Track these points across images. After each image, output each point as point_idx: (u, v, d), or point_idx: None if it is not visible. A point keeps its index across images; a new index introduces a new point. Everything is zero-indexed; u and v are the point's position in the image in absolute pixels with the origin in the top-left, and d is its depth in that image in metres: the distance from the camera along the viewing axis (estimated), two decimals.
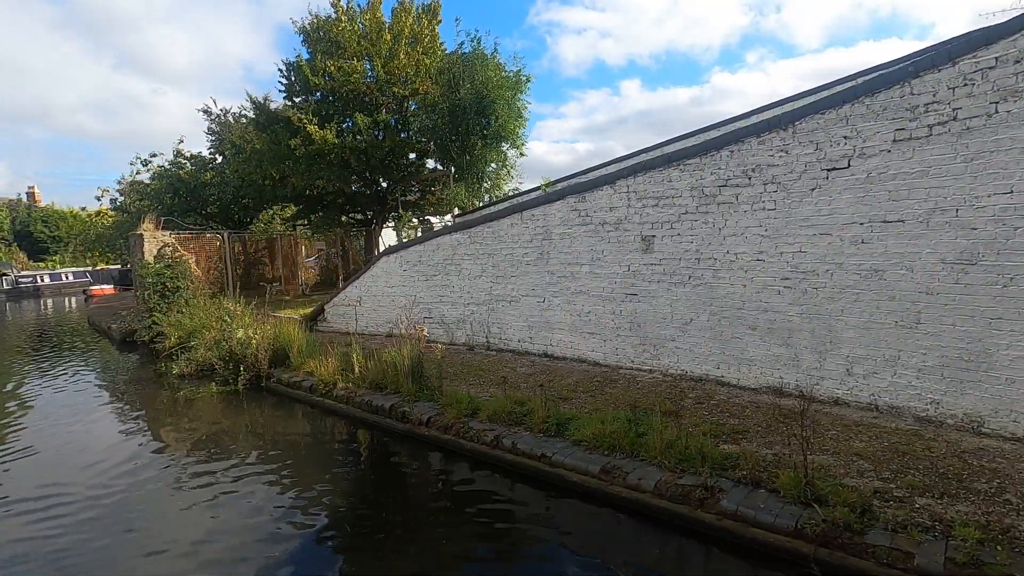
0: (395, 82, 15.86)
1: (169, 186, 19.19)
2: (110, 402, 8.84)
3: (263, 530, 4.52)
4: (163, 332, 12.34)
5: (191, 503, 5.07)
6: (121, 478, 5.68)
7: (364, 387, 7.26)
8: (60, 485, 5.54)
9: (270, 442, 6.75)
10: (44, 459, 6.34)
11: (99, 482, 5.58)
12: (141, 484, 5.53)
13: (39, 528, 4.69)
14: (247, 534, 4.48)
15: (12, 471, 5.99)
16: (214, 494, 5.21)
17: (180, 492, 5.31)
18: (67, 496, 5.27)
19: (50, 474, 5.85)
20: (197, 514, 4.85)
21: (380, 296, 11.22)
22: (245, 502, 5.03)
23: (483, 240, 9.23)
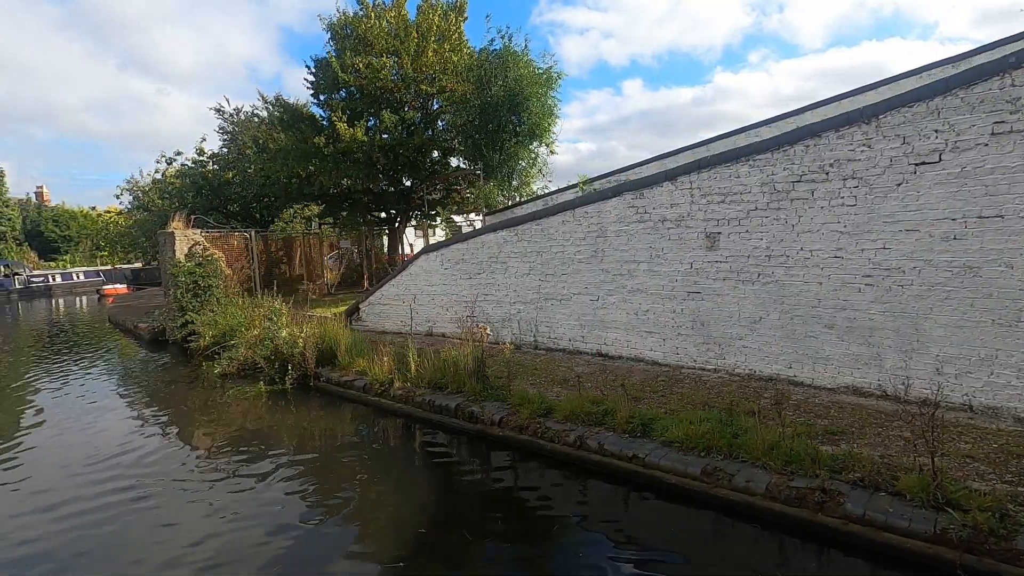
0: (422, 79, 15.74)
1: (192, 184, 19.11)
2: (159, 404, 8.72)
3: (348, 530, 4.41)
4: (197, 331, 12.26)
5: (262, 506, 4.96)
6: (190, 480, 5.58)
7: (423, 387, 7.14)
8: (134, 489, 5.44)
9: (334, 443, 6.64)
10: (114, 462, 6.23)
11: (171, 483, 5.48)
12: (217, 486, 5.43)
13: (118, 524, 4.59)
14: (323, 541, 4.37)
15: (81, 473, 5.89)
16: (282, 499, 5.10)
17: (255, 493, 5.21)
18: (144, 496, 5.18)
19: (114, 474, 5.76)
20: (269, 518, 4.74)
21: (419, 295, 11.10)
22: (323, 504, 4.92)
23: (531, 238, 9.11)
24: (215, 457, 6.27)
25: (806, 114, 9.83)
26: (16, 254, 46.76)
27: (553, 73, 14.13)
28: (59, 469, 6.05)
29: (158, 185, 20.58)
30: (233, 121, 42.09)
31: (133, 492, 5.33)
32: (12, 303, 36.60)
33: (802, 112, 9.99)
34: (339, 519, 4.65)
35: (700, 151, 10.96)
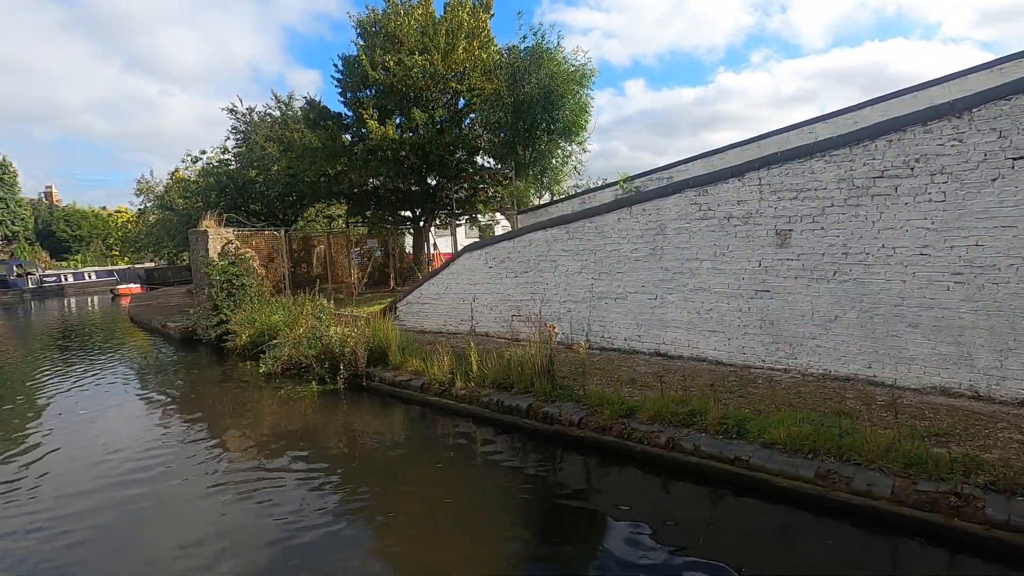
0: (452, 77, 15.63)
1: (216, 184, 19.02)
2: (212, 406, 8.60)
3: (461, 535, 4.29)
4: (233, 330, 12.17)
5: (346, 510, 4.85)
6: (268, 486, 5.46)
7: (488, 387, 7.01)
8: (196, 489, 5.33)
9: (406, 446, 6.51)
10: (174, 464, 6.13)
11: (240, 484, 5.37)
12: (298, 492, 5.31)
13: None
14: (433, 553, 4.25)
15: (135, 478, 5.79)
16: (365, 507, 4.98)
17: (326, 496, 5.10)
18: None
19: (176, 477, 5.65)
20: (350, 527, 4.62)
21: (462, 293, 10.98)
22: (415, 514, 4.80)
23: (584, 236, 8.98)
24: (285, 460, 6.15)
25: (864, 110, 9.67)
26: (28, 254, 46.80)
27: (586, 70, 13.97)
28: (125, 469, 5.94)
29: (181, 184, 20.49)
30: (246, 121, 42.13)
31: (196, 493, 5.23)
32: (25, 303, 36.61)
33: (860, 108, 9.81)
34: (436, 527, 4.53)
35: (750, 148, 10.82)
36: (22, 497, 5.33)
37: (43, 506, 5.11)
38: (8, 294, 39.82)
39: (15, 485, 5.59)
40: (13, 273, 41.16)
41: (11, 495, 5.37)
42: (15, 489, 5.51)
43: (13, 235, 45.33)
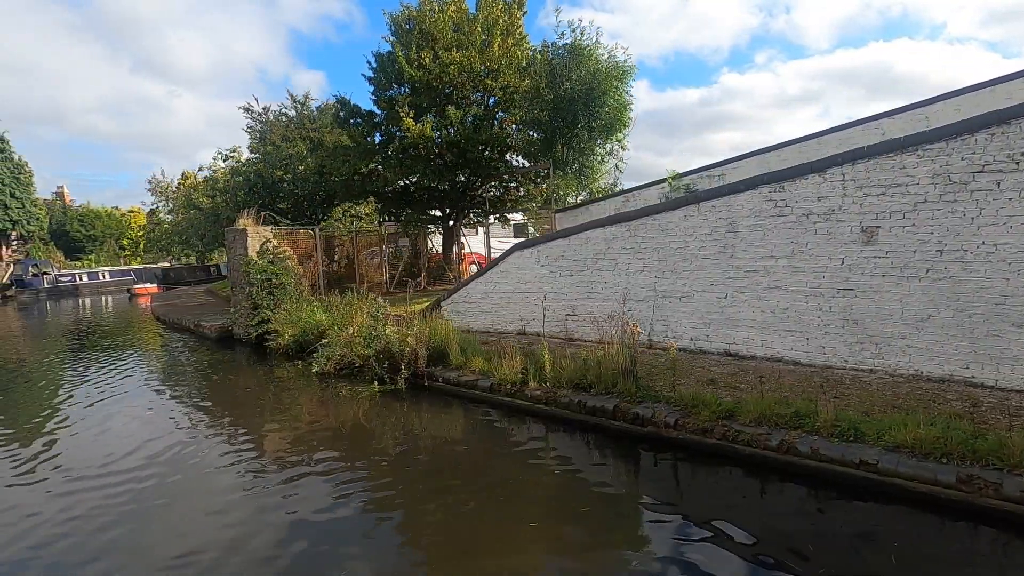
0: (487, 74, 15.48)
1: (244, 182, 18.92)
2: (280, 407, 8.44)
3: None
4: (275, 329, 12.05)
5: (447, 519, 4.69)
6: (360, 488, 5.32)
7: (565, 387, 6.85)
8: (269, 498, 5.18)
9: (495, 449, 6.29)
10: (245, 469, 5.99)
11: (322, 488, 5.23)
12: (399, 498, 5.16)
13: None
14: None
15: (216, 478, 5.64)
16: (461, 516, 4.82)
17: (416, 504, 4.94)
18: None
19: (252, 482, 5.51)
20: (462, 538, 4.47)
21: (510, 292, 10.83)
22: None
23: (646, 233, 8.81)
24: (374, 462, 6.01)
25: (936, 105, 9.46)
26: (43, 253, 46.91)
27: (627, 67, 13.81)
28: (193, 472, 5.81)
29: (208, 183, 20.40)
30: (262, 120, 42.10)
31: (271, 501, 5.08)
32: (41, 302, 36.64)
33: (931, 103, 9.58)
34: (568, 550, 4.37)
35: (809, 145, 10.62)
36: (125, 503, 5.20)
37: (172, 516, 4.98)
38: (24, 293, 39.92)
39: (109, 493, 5.46)
40: (29, 273, 41.25)
41: (106, 503, 5.24)
42: (111, 496, 5.38)
43: (29, 235, 45.43)
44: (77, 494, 5.33)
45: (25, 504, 5.18)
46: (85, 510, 4.98)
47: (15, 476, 5.85)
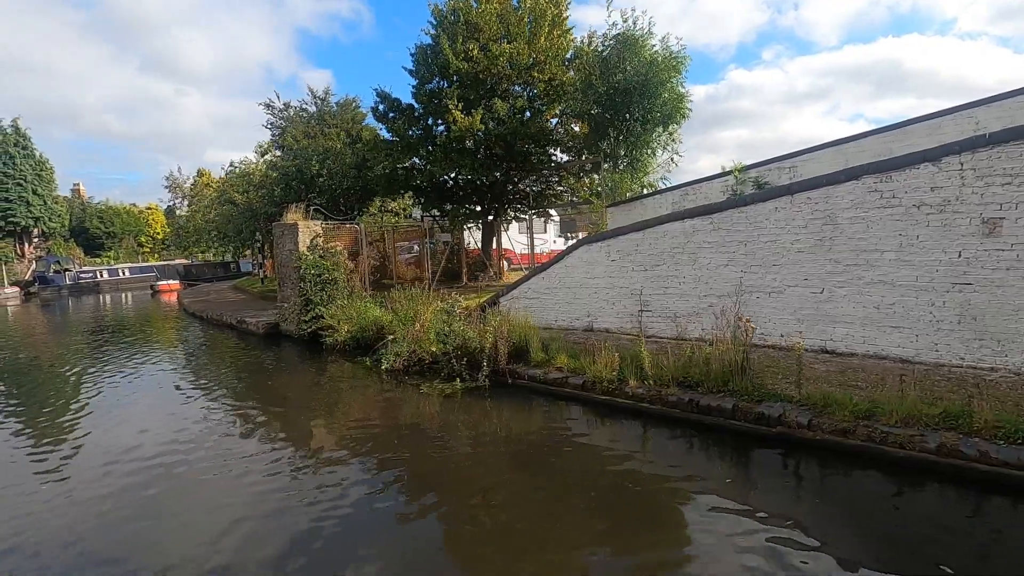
0: (534, 66, 15.20)
1: (281, 178, 18.73)
2: (364, 408, 8.15)
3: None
4: (331, 325, 11.87)
5: (561, 528, 4.45)
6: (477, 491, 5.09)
7: (668, 385, 6.59)
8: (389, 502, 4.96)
9: (614, 450, 6.01)
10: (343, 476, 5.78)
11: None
12: (531, 506, 4.93)
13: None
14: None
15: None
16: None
17: (531, 508, 4.70)
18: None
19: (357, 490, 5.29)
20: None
21: (576, 288, 10.58)
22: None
23: (731, 226, 8.53)
24: (490, 468, 5.78)
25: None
26: (64, 250, 47.13)
27: (681, 57, 13.47)
28: (289, 476, 5.61)
29: (243, 178, 20.24)
30: (283, 116, 41.98)
31: (386, 506, 4.87)
32: (63, 299, 36.79)
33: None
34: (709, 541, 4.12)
35: (894, 135, 10.24)
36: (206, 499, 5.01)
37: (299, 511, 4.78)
38: (47, 290, 40.12)
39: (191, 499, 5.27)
40: (51, 270, 41.42)
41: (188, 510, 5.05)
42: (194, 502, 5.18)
43: (51, 232, 45.62)
44: (160, 499, 5.15)
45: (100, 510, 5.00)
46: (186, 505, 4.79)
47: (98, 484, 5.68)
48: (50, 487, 5.48)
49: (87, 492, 5.30)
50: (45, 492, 5.36)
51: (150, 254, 55.86)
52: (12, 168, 41.79)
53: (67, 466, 6.04)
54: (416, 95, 17.03)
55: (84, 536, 4.49)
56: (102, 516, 4.81)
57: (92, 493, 5.26)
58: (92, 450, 6.51)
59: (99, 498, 5.15)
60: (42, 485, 5.53)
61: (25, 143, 43.04)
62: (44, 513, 4.91)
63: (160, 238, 57.05)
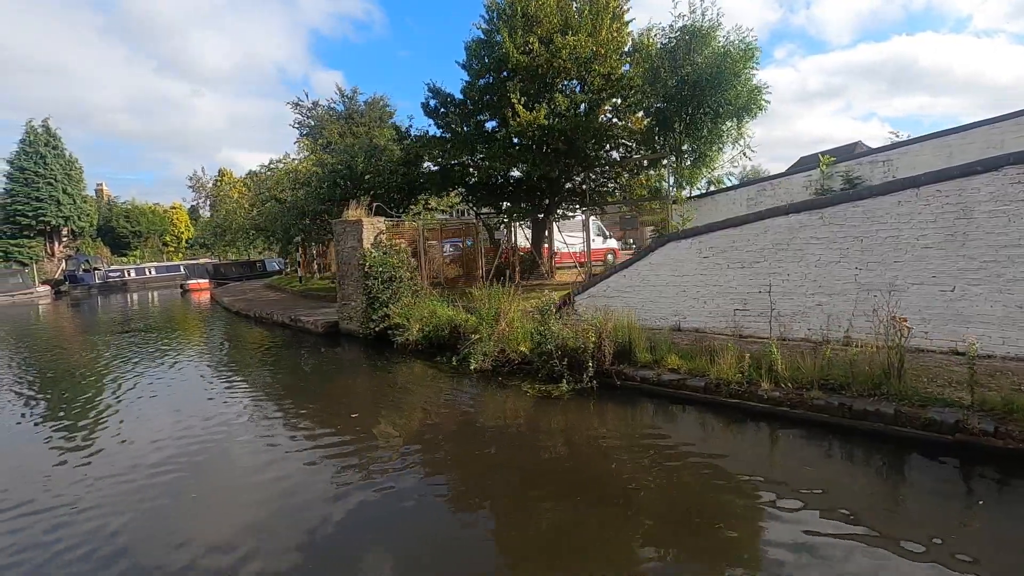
0: (594, 59, 14.83)
1: (329, 175, 18.52)
2: (474, 411, 7.72)
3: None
4: (400, 324, 11.60)
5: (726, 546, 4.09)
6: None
7: (813, 388, 6.22)
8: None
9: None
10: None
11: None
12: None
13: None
14: None
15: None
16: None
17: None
18: None
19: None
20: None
21: (662, 286, 10.22)
22: None
23: (845, 221, 8.12)
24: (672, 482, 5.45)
25: None
26: (92, 249, 47.51)
27: (754, 47, 13.04)
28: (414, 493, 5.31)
29: (290, 176, 20.06)
30: (311, 116, 41.95)
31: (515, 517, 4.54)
32: (92, 297, 37.01)
33: None
34: None
35: (1004, 126, 9.74)
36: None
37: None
38: (77, 289, 40.46)
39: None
40: (81, 268, 41.74)
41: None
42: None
43: (80, 231, 45.99)
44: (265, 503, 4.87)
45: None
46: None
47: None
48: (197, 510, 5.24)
49: (232, 518, 5.05)
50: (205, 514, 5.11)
51: (174, 253, 56.20)
52: (43, 167, 42.16)
53: (197, 480, 5.80)
54: (466, 90, 16.74)
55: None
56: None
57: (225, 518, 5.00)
58: (206, 465, 6.27)
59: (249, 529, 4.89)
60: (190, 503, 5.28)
61: (55, 143, 43.42)
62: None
63: (185, 237, 57.38)
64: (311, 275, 26.63)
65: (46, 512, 4.86)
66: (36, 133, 42.44)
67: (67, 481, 5.55)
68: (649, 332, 9.83)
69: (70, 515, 4.79)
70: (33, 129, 42.46)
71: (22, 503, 5.07)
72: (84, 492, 5.26)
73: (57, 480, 5.61)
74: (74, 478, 5.62)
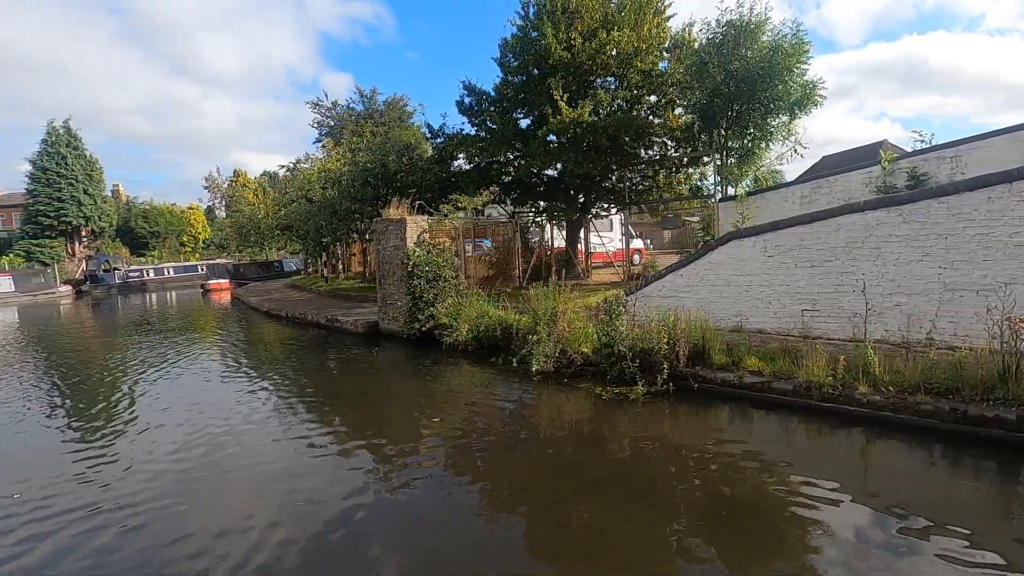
0: (636, 54, 14.58)
1: (360, 173, 18.36)
2: (556, 415, 7.38)
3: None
4: (448, 324, 11.41)
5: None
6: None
7: (919, 392, 5.93)
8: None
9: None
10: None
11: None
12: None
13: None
14: None
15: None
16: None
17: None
18: None
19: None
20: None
21: (723, 286, 9.95)
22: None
23: (927, 218, 7.82)
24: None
25: None
26: (111, 249, 47.80)
27: (804, 41, 12.72)
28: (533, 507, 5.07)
29: (322, 175, 19.93)
30: (331, 115, 41.91)
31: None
32: (112, 297, 37.15)
33: None
34: None
35: None
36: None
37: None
38: (98, 289, 40.66)
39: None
40: (101, 268, 41.96)
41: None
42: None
43: (100, 231, 46.28)
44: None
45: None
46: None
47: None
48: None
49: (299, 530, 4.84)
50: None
51: (191, 253, 56.47)
52: (64, 168, 42.47)
53: (245, 487, 5.61)
54: (501, 87, 16.55)
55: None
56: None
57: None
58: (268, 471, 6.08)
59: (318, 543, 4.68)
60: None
61: (76, 143, 43.75)
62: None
63: (202, 238, 57.67)
64: (335, 275, 26.52)
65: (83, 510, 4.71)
66: (57, 134, 42.77)
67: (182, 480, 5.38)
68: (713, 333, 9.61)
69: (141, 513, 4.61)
70: (55, 130, 42.80)
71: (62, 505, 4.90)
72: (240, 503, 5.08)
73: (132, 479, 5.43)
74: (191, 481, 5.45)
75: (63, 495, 5.20)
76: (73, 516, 4.76)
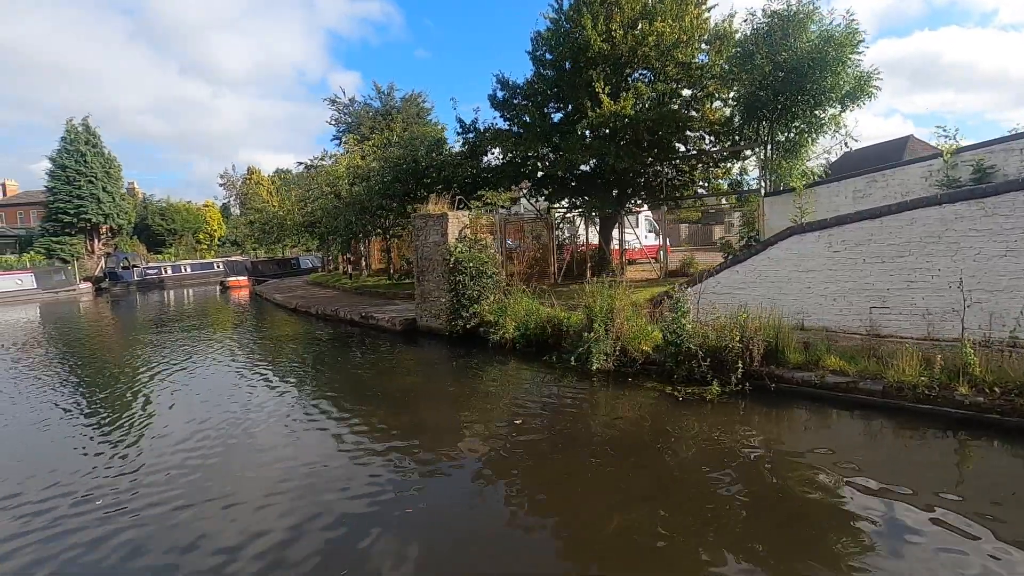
0: (676, 46, 14.26)
1: (391, 168, 18.16)
2: (639, 420, 6.93)
3: None
4: (494, 322, 11.20)
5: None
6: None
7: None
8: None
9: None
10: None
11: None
12: None
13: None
14: None
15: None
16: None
17: None
18: None
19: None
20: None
21: (783, 282, 9.67)
22: None
23: (1011, 211, 7.49)
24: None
25: None
26: (129, 246, 48.01)
27: (856, 31, 12.35)
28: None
29: (351, 171, 19.76)
30: (348, 112, 41.73)
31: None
32: (131, 294, 37.23)
33: None
34: None
35: None
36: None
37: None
38: (117, 286, 40.86)
39: None
40: (120, 266, 42.14)
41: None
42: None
43: (119, 228, 46.50)
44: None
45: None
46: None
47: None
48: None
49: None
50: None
51: (207, 251, 56.67)
52: (84, 166, 42.62)
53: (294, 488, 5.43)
54: (535, 81, 16.28)
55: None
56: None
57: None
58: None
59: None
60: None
61: (95, 141, 43.88)
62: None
63: (217, 235, 57.86)
64: (358, 272, 26.38)
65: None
66: (76, 132, 42.91)
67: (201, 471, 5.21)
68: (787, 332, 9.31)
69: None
70: (73, 128, 42.93)
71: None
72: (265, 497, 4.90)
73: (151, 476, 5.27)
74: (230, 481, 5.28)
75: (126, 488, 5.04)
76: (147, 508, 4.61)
